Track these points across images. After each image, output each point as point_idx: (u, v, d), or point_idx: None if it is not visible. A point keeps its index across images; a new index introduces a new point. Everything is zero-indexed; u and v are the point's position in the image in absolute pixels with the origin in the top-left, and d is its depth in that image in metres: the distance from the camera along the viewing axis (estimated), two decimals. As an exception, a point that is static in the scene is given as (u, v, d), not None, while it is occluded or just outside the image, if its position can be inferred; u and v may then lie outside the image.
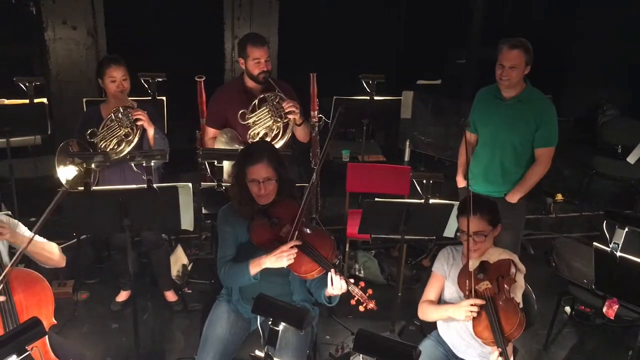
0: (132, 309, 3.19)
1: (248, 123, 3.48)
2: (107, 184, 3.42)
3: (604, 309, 3.43)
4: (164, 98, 4.33)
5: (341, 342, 3.70)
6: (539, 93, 3.55)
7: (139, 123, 3.41)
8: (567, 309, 4.11)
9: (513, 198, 3.58)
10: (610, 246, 2.68)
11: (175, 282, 4.15)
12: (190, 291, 4.19)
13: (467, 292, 2.62)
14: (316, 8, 6.26)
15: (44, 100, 4.28)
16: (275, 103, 3.44)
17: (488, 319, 2.51)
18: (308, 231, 2.67)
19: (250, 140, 3.45)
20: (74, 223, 3.03)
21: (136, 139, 3.41)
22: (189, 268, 4.37)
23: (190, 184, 3.04)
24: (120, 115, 3.43)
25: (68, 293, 4.03)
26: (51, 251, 2.74)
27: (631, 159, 4.50)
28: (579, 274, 3.64)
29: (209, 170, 3.31)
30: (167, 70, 4.34)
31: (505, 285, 2.60)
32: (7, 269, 2.48)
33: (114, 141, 3.42)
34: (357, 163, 4.78)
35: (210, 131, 3.69)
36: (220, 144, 3.56)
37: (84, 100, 4.38)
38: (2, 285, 2.47)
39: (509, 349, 2.56)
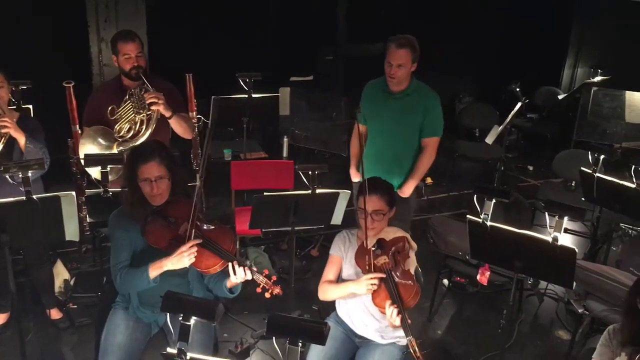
0: (14, 331, 3.00)
1: (115, 118, 3.41)
2: None
3: (478, 277, 3.77)
4: (30, 107, 4.08)
5: (240, 337, 3.74)
6: (425, 87, 3.65)
7: (3, 130, 3.19)
8: (445, 281, 4.45)
9: (407, 191, 3.70)
10: (481, 217, 2.91)
11: (59, 298, 3.96)
12: (75, 306, 4.00)
13: (366, 268, 2.74)
14: (184, 8, 6.18)
15: None
16: (139, 96, 3.39)
17: (387, 290, 2.65)
18: (205, 227, 2.67)
19: (116, 136, 3.38)
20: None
21: None
22: (72, 282, 4.18)
23: (73, 193, 2.89)
24: None
25: None
26: None
27: (489, 139, 4.94)
28: (454, 248, 3.92)
29: (93, 177, 3.18)
30: (31, 78, 4.08)
31: (401, 260, 2.77)
32: None
33: None
34: (240, 161, 4.83)
35: None
36: (92, 143, 3.43)
37: None
38: None
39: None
